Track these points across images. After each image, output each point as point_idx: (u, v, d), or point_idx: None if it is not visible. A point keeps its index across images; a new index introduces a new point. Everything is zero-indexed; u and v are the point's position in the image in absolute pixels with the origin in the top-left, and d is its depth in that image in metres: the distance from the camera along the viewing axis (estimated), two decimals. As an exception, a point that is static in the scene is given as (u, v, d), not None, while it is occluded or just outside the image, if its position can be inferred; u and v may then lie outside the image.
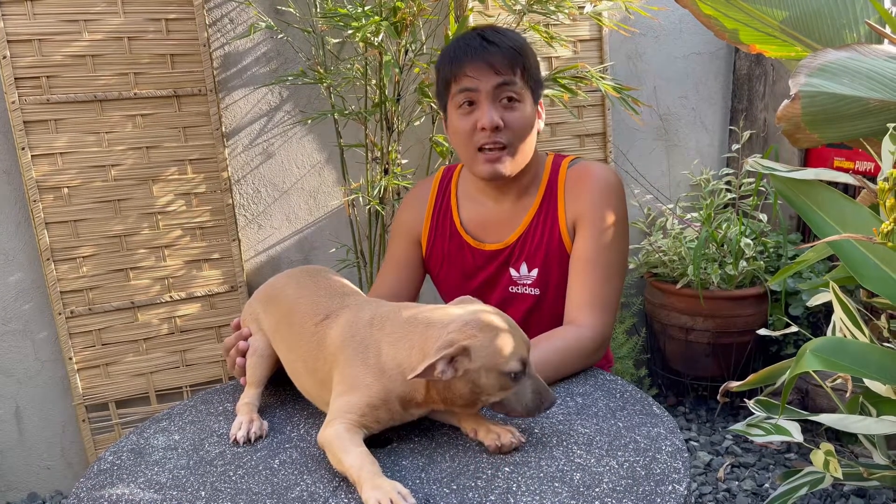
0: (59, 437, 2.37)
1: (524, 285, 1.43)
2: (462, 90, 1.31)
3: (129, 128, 2.21)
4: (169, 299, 2.33)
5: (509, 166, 1.34)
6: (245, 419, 1.09)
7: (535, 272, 1.42)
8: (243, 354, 1.23)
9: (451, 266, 1.49)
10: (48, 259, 2.19)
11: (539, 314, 1.44)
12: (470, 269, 1.47)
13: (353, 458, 0.90)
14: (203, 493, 0.94)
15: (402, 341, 0.97)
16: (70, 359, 2.25)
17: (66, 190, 2.18)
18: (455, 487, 0.91)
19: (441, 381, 0.93)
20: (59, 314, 2.22)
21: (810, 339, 1.07)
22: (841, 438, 2.39)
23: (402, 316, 1.00)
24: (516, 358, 0.93)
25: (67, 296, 2.23)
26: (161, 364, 2.36)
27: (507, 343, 0.93)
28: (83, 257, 2.23)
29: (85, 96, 2.15)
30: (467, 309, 0.98)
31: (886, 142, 1.02)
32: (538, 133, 1.41)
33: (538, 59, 1.40)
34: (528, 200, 1.43)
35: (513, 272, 1.44)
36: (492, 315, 0.96)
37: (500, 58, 1.30)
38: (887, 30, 1.21)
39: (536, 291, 1.43)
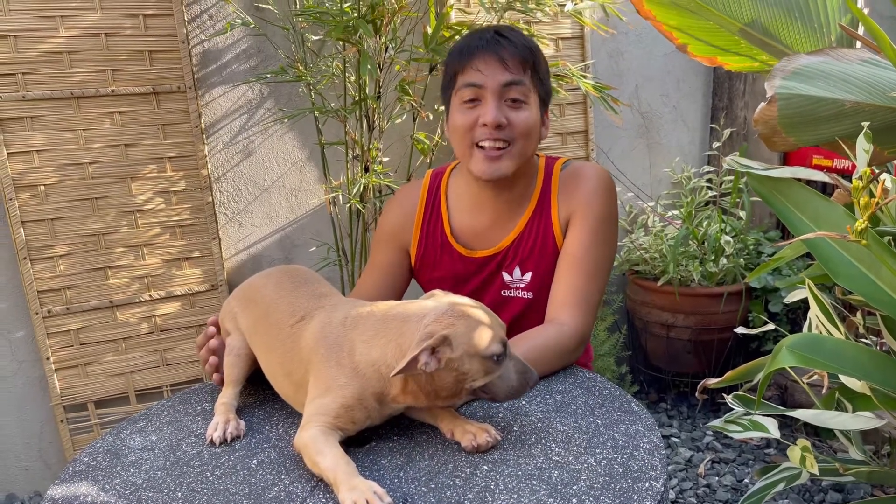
0: (36, 438, 2.35)
1: (517, 289, 1.43)
2: (468, 84, 1.29)
3: (107, 125, 2.19)
4: (148, 298, 2.31)
5: (509, 166, 1.32)
6: (221, 419, 1.08)
7: (528, 275, 1.41)
8: (213, 353, 1.22)
9: (442, 274, 1.47)
10: (24, 258, 2.16)
11: (531, 317, 1.42)
12: (461, 276, 1.46)
13: (328, 460, 0.90)
14: (179, 494, 0.93)
15: (377, 339, 0.97)
16: (48, 359, 2.23)
17: (42, 188, 2.15)
18: (433, 486, 0.91)
19: (424, 374, 0.93)
20: (36, 314, 2.20)
21: (788, 335, 1.08)
22: (819, 434, 2.41)
23: (375, 314, 1.00)
24: (497, 341, 0.94)
25: (44, 295, 2.21)
26: (140, 364, 2.34)
27: (485, 328, 0.94)
28: (60, 256, 2.20)
29: (61, 93, 2.12)
30: (441, 300, 0.98)
31: (861, 141, 1.03)
32: (540, 140, 1.39)
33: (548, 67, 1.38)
34: (522, 205, 1.41)
35: (505, 276, 1.43)
36: (466, 303, 0.97)
37: (511, 53, 1.27)
38: (861, 31, 1.22)
39: (530, 295, 1.42)
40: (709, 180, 2.93)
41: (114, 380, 2.32)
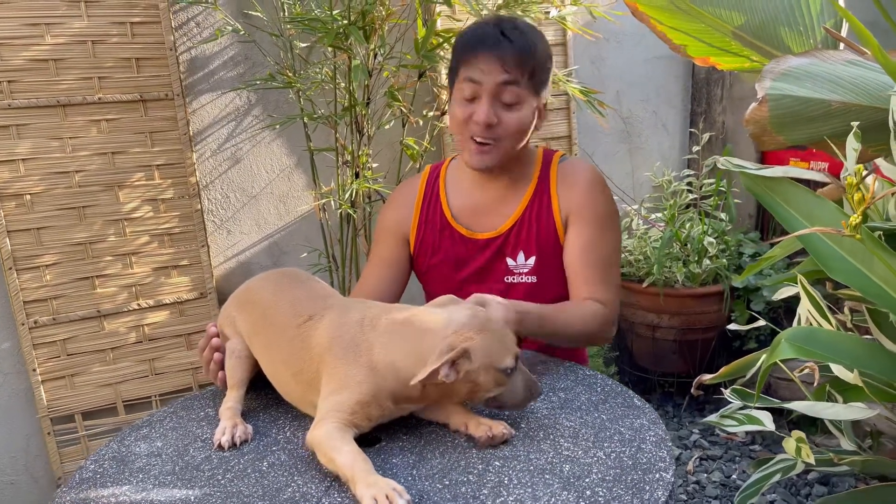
0: (23, 451, 2.31)
1: (521, 273, 1.47)
2: (468, 80, 1.34)
3: (94, 133, 2.17)
4: (136, 307, 2.29)
5: (494, 159, 1.39)
6: (228, 424, 1.08)
7: (532, 260, 1.45)
8: (216, 351, 1.23)
9: (442, 257, 1.50)
10: (10, 268, 2.13)
11: (536, 301, 1.46)
12: (462, 259, 1.49)
13: (344, 456, 0.90)
14: (192, 497, 0.93)
15: (396, 342, 0.99)
16: (34, 370, 2.20)
17: (28, 197, 2.13)
18: (448, 483, 0.92)
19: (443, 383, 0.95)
20: (22, 324, 2.17)
21: (777, 331, 1.11)
22: (806, 430, 2.46)
23: (394, 318, 1.02)
24: (511, 354, 0.98)
25: (30, 305, 2.18)
26: (129, 374, 2.32)
27: (501, 342, 0.98)
28: (46, 265, 2.18)
29: (48, 101, 2.10)
30: (459, 311, 1.01)
31: (850, 140, 1.06)
32: (536, 130, 1.45)
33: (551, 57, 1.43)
34: (520, 189, 1.46)
35: (510, 261, 1.47)
36: (482, 316, 1.00)
37: (511, 54, 1.32)
38: (845, 31, 1.26)
39: (534, 279, 1.46)
40: (689, 183, 2.98)
41: (102, 390, 2.29)
